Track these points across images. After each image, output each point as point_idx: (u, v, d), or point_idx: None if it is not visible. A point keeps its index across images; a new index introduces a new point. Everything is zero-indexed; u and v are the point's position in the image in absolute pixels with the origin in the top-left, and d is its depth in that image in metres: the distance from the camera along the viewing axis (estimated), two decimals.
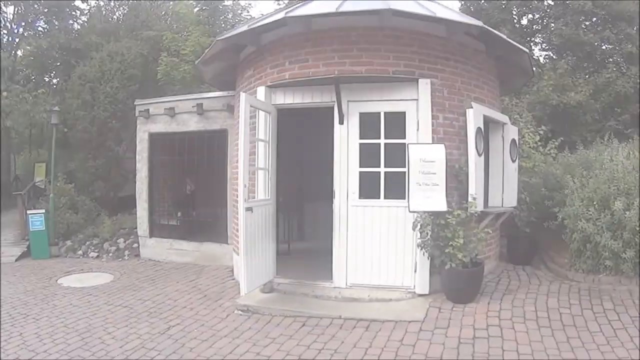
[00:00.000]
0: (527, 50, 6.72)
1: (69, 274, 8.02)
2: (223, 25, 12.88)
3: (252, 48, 6.26)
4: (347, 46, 5.47)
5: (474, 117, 5.68)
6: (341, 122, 5.59)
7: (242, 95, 5.37)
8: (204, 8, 13.04)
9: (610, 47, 12.16)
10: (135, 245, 9.44)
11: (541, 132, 8.45)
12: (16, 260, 9.14)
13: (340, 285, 5.53)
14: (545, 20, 13.87)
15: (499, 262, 6.72)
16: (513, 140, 6.58)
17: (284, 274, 6.02)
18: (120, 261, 8.93)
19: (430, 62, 5.54)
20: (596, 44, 12.11)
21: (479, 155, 5.71)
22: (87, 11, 16.75)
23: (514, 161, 6.53)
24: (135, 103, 9.07)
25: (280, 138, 6.23)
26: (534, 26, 14.24)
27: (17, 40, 16.41)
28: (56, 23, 15.73)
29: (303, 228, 8.92)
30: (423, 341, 4.24)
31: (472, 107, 5.74)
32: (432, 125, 5.45)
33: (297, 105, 6.00)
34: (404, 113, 5.54)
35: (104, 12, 16.13)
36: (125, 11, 16.00)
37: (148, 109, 8.77)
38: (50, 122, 10.61)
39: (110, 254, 9.31)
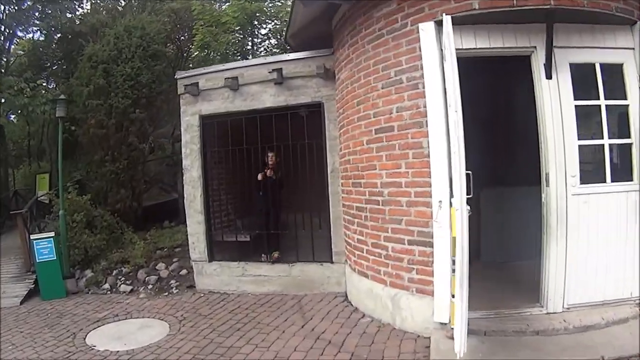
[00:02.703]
0: None
1: (100, 323, 5.27)
2: None
3: None
4: None
5: None
6: (549, 76, 3.82)
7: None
8: None
9: None
10: (185, 272, 6.71)
11: None
12: (21, 303, 6.34)
13: (556, 310, 3.86)
14: None
15: None
16: None
17: None
18: (168, 297, 6.15)
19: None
20: None
21: None
22: None
23: None
24: (177, 76, 6.36)
25: None
26: None
27: (7, 33, 13.52)
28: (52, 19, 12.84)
29: None
30: None
31: None
32: None
33: (478, 52, 3.93)
34: (620, 66, 4.00)
35: None
36: None
37: (197, 83, 6.05)
38: (55, 115, 7.75)
39: (150, 287, 6.54)
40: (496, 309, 3.94)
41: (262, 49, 11.03)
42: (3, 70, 11.94)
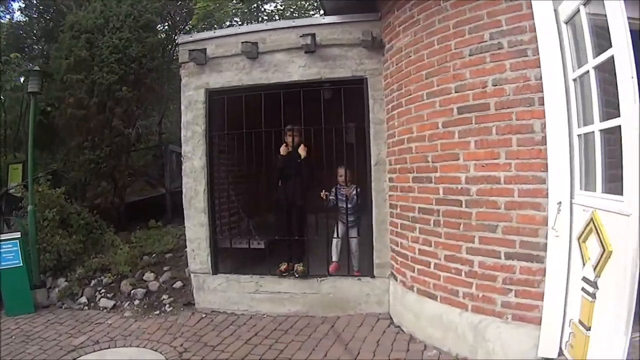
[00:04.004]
0: None
1: (76, 354, 4.14)
2: None
3: None
4: None
5: None
6: None
7: None
8: None
9: None
10: (179, 284, 5.59)
11: None
12: None
13: None
14: None
15: None
16: None
17: None
18: (160, 316, 5.03)
19: None
20: None
21: None
22: None
23: None
24: (179, 41, 5.23)
25: None
26: None
27: None
28: None
29: None
30: None
31: None
32: None
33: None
34: None
35: None
36: None
37: (204, 49, 4.91)
38: (27, 90, 6.53)
39: (137, 302, 5.40)
40: None
41: None
42: None
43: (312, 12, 9.92)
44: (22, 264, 5.49)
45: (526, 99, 2.99)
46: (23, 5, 11.96)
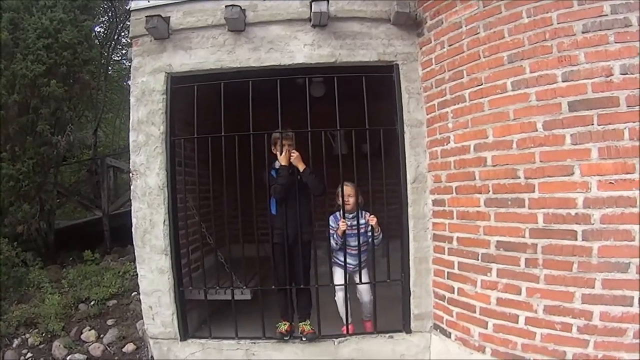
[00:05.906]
0: None
1: None
2: None
3: None
4: None
5: None
6: None
7: None
8: None
9: None
10: (131, 347, 4.47)
11: None
12: None
13: None
14: None
15: None
16: None
17: None
18: None
19: None
20: None
21: None
22: None
23: None
24: (132, 7, 4.04)
25: None
26: None
27: None
28: None
29: None
30: None
31: None
32: None
33: None
34: None
35: None
36: None
37: (168, 18, 3.80)
38: None
39: None
40: None
41: None
42: None
43: None
44: None
45: None
46: None
